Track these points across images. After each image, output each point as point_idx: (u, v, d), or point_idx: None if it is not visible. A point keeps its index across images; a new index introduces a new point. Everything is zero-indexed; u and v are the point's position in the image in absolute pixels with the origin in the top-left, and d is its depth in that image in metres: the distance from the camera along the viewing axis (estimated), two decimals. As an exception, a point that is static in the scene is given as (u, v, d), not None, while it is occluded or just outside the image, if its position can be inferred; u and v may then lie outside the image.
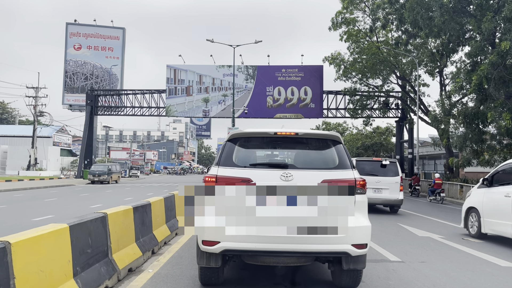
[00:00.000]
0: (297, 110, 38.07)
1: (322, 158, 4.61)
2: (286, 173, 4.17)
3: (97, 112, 40.25)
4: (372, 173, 13.60)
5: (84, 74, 49.74)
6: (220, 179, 4.17)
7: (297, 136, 4.54)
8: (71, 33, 50.20)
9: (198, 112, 39.52)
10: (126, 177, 48.68)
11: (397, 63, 30.07)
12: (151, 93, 39.51)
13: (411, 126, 35.65)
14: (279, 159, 5.92)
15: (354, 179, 4.24)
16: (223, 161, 4.37)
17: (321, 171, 4.29)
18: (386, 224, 11.24)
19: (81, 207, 14.17)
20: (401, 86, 34.16)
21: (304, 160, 4.76)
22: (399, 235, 9.34)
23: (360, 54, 31.36)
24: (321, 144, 4.66)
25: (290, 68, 38.42)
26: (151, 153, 72.97)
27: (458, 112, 22.13)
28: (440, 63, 29.56)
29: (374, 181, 13.35)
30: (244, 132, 4.61)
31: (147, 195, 19.37)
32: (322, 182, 4.10)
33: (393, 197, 13.47)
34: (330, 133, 4.69)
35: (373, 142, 41.60)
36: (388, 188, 13.50)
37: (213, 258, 4.22)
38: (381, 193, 13.52)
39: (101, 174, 31.48)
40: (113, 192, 22.34)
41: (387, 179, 13.55)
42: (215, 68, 39.01)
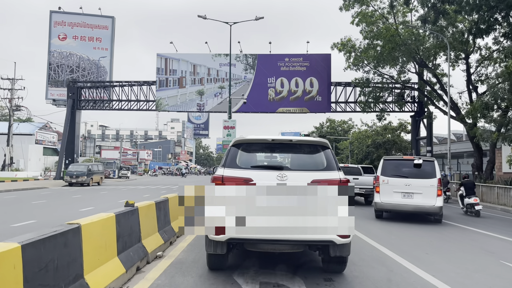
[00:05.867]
0: (301, 104, 34.18)
1: (313, 161, 5.35)
2: (282, 173, 4.90)
3: (80, 106, 36.38)
4: (402, 175, 11.30)
5: (70, 67, 45.74)
6: (226, 178, 4.94)
7: (291, 142, 5.42)
8: (55, 22, 46.35)
9: (192, 106, 35.56)
10: (114, 178, 44.75)
11: (417, 48, 26.16)
12: (139, 85, 35.64)
13: (430, 121, 31.79)
14: (276, 161, 6.36)
15: (339, 179, 4.92)
16: (228, 163, 5.13)
17: (311, 172, 5.02)
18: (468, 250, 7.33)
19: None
20: (419, 75, 30.33)
21: (297, 163, 5.42)
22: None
23: (374, 38, 27.43)
24: (312, 149, 5.44)
25: (294, 56, 34.52)
26: (144, 152, 68.93)
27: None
28: (467, 47, 25.71)
29: (403, 184, 11.10)
30: (246, 139, 5.35)
31: (118, 202, 15.46)
32: (312, 181, 4.83)
33: (427, 203, 10.88)
34: (320, 140, 5.51)
35: (385, 140, 37.66)
36: (421, 192, 10.97)
37: (219, 246, 4.86)
38: (412, 198, 11.01)
39: (79, 175, 27.59)
40: (81, 198, 18.40)
41: (420, 182, 11.06)
42: (210, 57, 35.09)
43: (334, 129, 63.24)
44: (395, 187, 11.12)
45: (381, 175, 11.46)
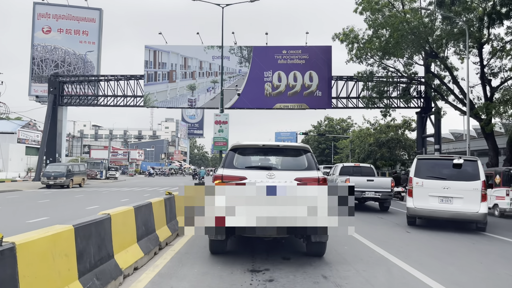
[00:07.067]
0: (300, 100, 31.90)
1: (296, 162, 6.39)
2: (271, 173, 6.01)
3: (62, 102, 33.89)
4: (439, 176, 9.79)
5: (54, 61, 43.22)
6: (225, 177, 5.99)
7: (279, 147, 6.66)
8: (39, 13, 43.80)
9: (182, 102, 33.14)
10: (102, 179, 42.21)
11: (428, 36, 23.94)
12: (126, 79, 33.22)
13: (439, 117, 29.62)
14: (266, 163, 6.84)
15: (318, 177, 5.96)
16: (227, 164, 6.21)
17: (295, 171, 6.12)
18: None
19: None
20: (426, 68, 28.17)
21: (283, 164, 6.53)
22: None
23: (380, 27, 25.19)
24: (296, 153, 6.50)
25: (292, 49, 32.23)
26: (136, 152, 66.32)
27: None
28: (481, 36, 23.55)
29: (441, 187, 9.64)
30: (242, 144, 6.47)
31: (86, 209, 13.06)
32: (295, 179, 5.90)
33: (469, 209, 9.42)
34: (302, 145, 6.62)
35: (389, 138, 35.46)
36: (462, 196, 9.49)
37: (220, 232, 5.20)
38: (451, 203, 9.53)
39: (57, 176, 25.13)
40: (43, 205, 15.99)
41: (460, 184, 9.56)
42: (202, 49, 32.70)
43: (333, 128, 61.06)
44: (431, 191, 9.73)
45: (415, 177, 10.02)
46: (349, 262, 6.04)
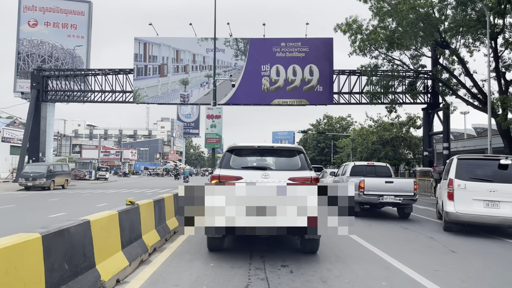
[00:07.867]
0: (300, 95, 29.99)
1: (290, 162, 6.70)
2: (265, 172, 6.27)
3: (46, 98, 31.82)
4: (484, 178, 8.74)
5: (41, 56, 41.23)
6: (221, 177, 6.23)
7: (273, 148, 6.91)
8: (25, 6, 41.71)
9: (174, 98, 31.13)
10: (91, 180, 40.14)
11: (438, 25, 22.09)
12: (114, 73, 31.19)
13: (448, 113, 27.76)
14: (261, 163, 7.12)
15: (311, 177, 6.24)
16: (223, 165, 6.47)
17: (288, 171, 6.39)
18: None
19: None
20: (434, 60, 26.37)
21: (277, 164, 6.81)
22: None
23: (387, 15, 23.31)
24: (289, 154, 6.84)
25: (292, 41, 30.31)
26: (129, 151, 64.19)
27: None
28: (495, 26, 21.73)
29: (486, 190, 8.58)
30: (238, 146, 6.82)
31: (48, 217, 11.04)
32: (289, 179, 6.15)
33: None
34: (295, 146, 6.96)
35: (393, 136, 33.59)
36: (510, 201, 8.44)
37: (217, 230, 5.24)
38: (498, 208, 8.46)
39: (37, 177, 23.09)
40: (7, 211, 13.99)
41: (509, 187, 8.47)
42: (196, 41, 30.72)
43: (332, 126, 59.20)
44: (475, 194, 8.66)
45: (456, 178, 8.85)
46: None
